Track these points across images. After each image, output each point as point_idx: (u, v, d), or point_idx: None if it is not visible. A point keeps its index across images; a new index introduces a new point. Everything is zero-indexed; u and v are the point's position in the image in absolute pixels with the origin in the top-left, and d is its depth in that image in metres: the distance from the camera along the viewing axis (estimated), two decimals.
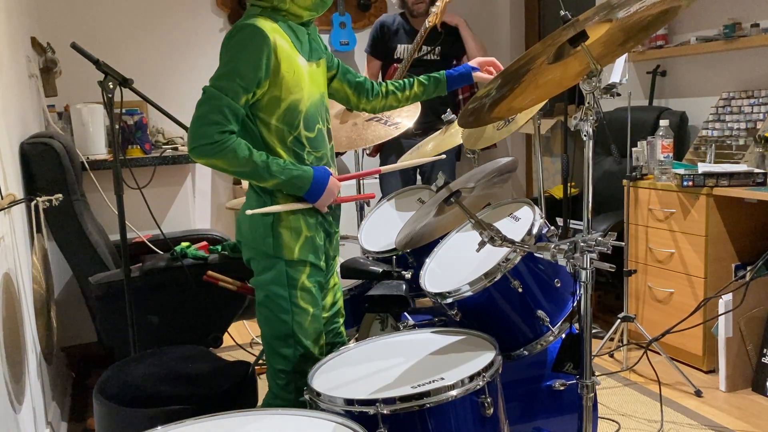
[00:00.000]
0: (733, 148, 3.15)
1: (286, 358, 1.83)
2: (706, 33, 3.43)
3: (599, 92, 1.49)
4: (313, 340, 1.86)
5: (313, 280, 1.85)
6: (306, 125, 1.79)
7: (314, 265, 1.84)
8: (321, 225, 1.86)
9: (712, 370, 3.01)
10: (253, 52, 1.66)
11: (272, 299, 1.81)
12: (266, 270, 1.81)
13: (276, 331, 1.83)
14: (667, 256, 3.11)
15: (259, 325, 1.88)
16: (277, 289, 1.80)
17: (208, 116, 1.65)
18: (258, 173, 1.70)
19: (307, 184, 1.76)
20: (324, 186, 1.78)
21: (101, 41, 4.02)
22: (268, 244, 1.79)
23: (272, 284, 1.81)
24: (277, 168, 1.71)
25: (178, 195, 3.60)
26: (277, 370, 1.85)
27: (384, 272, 2.24)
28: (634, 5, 1.34)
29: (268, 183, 1.73)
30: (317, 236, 1.85)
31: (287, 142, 1.77)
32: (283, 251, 1.79)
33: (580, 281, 1.53)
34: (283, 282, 1.80)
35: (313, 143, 1.82)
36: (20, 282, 2.19)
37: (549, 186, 4.43)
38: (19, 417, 1.93)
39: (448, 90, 2.11)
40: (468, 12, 4.08)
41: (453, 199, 1.69)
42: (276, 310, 1.82)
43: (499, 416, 1.57)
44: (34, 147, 2.62)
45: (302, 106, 1.77)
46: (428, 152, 2.79)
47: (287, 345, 1.83)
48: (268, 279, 1.81)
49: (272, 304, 1.82)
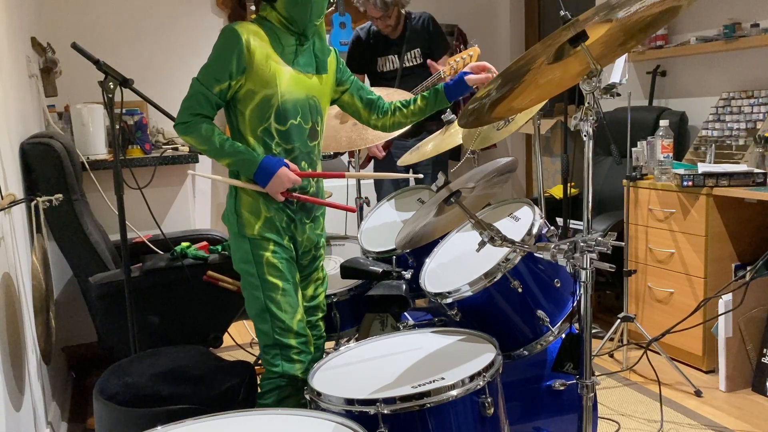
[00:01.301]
0: (733, 148, 3.15)
1: (266, 334, 1.97)
2: (706, 33, 3.43)
3: (599, 92, 1.49)
4: (288, 312, 1.97)
5: (278, 257, 1.99)
6: (277, 119, 1.96)
7: (276, 242, 1.99)
8: (282, 210, 2.00)
9: (712, 370, 3.01)
10: (225, 49, 1.89)
11: (245, 278, 1.99)
12: (236, 251, 2.01)
13: (254, 308, 1.99)
14: (667, 256, 3.11)
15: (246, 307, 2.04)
16: (246, 266, 1.98)
17: (186, 101, 1.93)
18: (216, 151, 1.92)
19: (254, 167, 1.93)
20: (271, 173, 1.93)
21: (101, 41, 4.02)
22: (233, 223, 2.00)
23: (242, 263, 1.99)
24: (230, 149, 1.92)
25: (178, 195, 3.60)
26: (263, 346, 2.00)
27: (384, 272, 2.24)
28: (634, 5, 1.34)
29: (224, 161, 1.94)
30: (277, 218, 1.99)
31: (257, 132, 1.96)
32: (246, 229, 1.98)
33: (580, 281, 1.53)
34: (250, 259, 1.98)
35: (283, 136, 1.98)
36: (20, 282, 2.19)
37: (549, 186, 4.43)
38: (19, 417, 1.93)
39: (450, 100, 2.19)
40: (468, 12, 4.08)
41: (453, 199, 1.69)
42: (250, 288, 1.99)
43: (499, 416, 1.57)
44: (34, 147, 2.62)
45: (275, 100, 1.94)
46: (428, 152, 2.79)
47: (264, 320, 1.97)
48: (237, 258, 2.00)
49: (246, 283, 1.99)
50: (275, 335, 1.96)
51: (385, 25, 3.51)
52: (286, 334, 1.96)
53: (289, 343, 1.96)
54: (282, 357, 1.96)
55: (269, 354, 1.98)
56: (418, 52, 3.60)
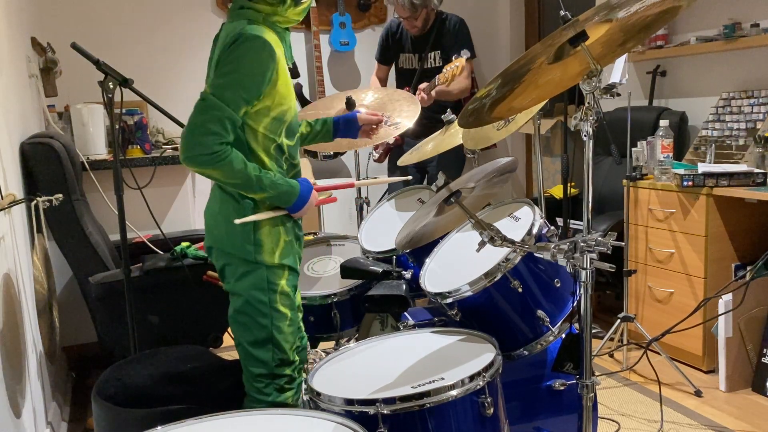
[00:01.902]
0: (733, 148, 3.15)
1: (265, 363, 1.85)
2: (706, 33, 3.43)
3: (599, 92, 1.49)
4: (290, 343, 1.88)
5: (290, 284, 1.87)
6: (287, 134, 1.84)
7: (292, 269, 1.87)
8: (293, 229, 1.89)
9: (712, 370, 3.01)
10: (259, 65, 1.67)
11: (252, 304, 1.82)
12: (245, 275, 1.82)
13: (255, 336, 1.84)
14: (667, 256, 3.11)
15: (234, 331, 1.88)
16: (258, 294, 1.81)
17: (207, 125, 1.65)
18: (249, 186, 1.73)
19: (293, 198, 1.81)
20: (307, 199, 1.84)
21: (101, 41, 4.02)
22: (248, 251, 1.80)
23: (253, 289, 1.81)
24: (268, 182, 1.75)
25: (178, 195, 3.60)
26: (256, 375, 1.86)
27: (384, 272, 2.24)
28: (634, 5, 1.34)
29: (257, 195, 1.77)
30: (294, 240, 1.88)
31: (270, 149, 1.80)
32: (264, 257, 1.81)
33: (580, 281, 1.53)
34: (264, 287, 1.81)
35: (291, 151, 1.87)
36: (20, 282, 2.19)
37: (549, 186, 4.43)
38: (20, 417, 1.93)
39: (334, 136, 2.13)
40: (468, 12, 4.08)
41: (453, 199, 1.69)
42: (255, 315, 1.82)
43: (499, 416, 1.57)
44: (34, 147, 2.62)
45: (287, 116, 1.81)
46: (428, 152, 2.79)
47: (266, 349, 1.84)
48: (247, 284, 1.82)
49: (251, 310, 1.82)
50: (274, 367, 1.85)
51: (411, 26, 3.53)
52: (283, 367, 1.87)
53: (284, 374, 1.86)
54: (274, 387, 1.87)
55: (261, 383, 1.86)
56: (438, 54, 3.61)
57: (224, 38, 1.73)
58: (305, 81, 4.58)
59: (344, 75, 4.68)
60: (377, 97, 2.86)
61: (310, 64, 4.56)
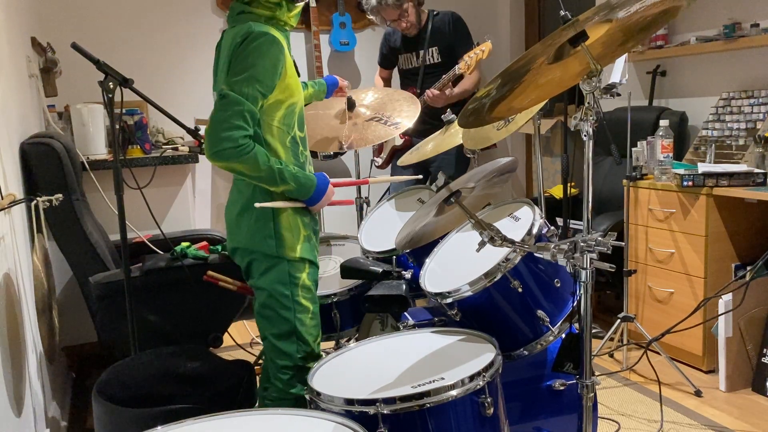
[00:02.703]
0: (733, 148, 3.15)
1: (290, 355, 1.92)
2: (706, 33, 3.43)
3: (599, 92, 1.49)
4: (313, 336, 1.94)
5: (311, 278, 1.94)
6: (299, 126, 1.92)
7: (312, 263, 1.94)
8: (311, 224, 1.96)
9: (712, 370, 3.01)
10: (270, 59, 1.75)
11: (276, 298, 1.89)
12: (268, 270, 1.88)
13: (279, 329, 1.91)
14: (667, 256, 3.11)
15: (260, 326, 1.95)
16: (281, 288, 1.89)
17: (231, 120, 1.71)
18: (272, 178, 1.80)
19: (312, 191, 1.88)
20: (324, 193, 1.91)
21: (101, 41, 4.02)
22: (270, 246, 1.87)
23: (276, 283, 1.89)
24: (289, 175, 1.82)
25: (178, 195, 3.60)
26: (281, 367, 1.93)
27: (384, 272, 2.24)
28: (634, 5, 1.34)
29: (278, 188, 1.84)
30: (312, 235, 1.95)
31: (286, 142, 1.88)
32: (286, 251, 1.88)
33: (580, 281, 1.53)
34: (286, 281, 1.89)
35: (303, 142, 1.95)
36: (20, 282, 2.19)
37: (549, 186, 4.43)
38: (19, 417, 1.93)
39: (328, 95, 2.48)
40: (468, 12, 4.08)
41: (453, 199, 1.69)
42: (279, 308, 1.90)
43: (499, 416, 1.57)
44: (34, 147, 2.62)
45: (297, 108, 1.90)
46: (428, 152, 2.79)
47: (290, 342, 1.91)
48: (271, 279, 1.89)
49: (275, 303, 1.89)
50: (299, 359, 1.92)
51: (406, 25, 3.53)
52: (308, 359, 1.93)
53: (308, 366, 1.92)
54: (298, 379, 1.93)
55: (286, 375, 1.92)
56: (436, 50, 3.61)
57: (230, 41, 1.80)
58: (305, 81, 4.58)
59: (344, 75, 4.68)
60: (377, 97, 2.86)
61: (310, 64, 4.56)
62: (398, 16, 3.47)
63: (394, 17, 3.48)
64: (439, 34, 3.60)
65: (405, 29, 3.57)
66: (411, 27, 3.55)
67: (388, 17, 3.49)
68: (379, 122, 2.80)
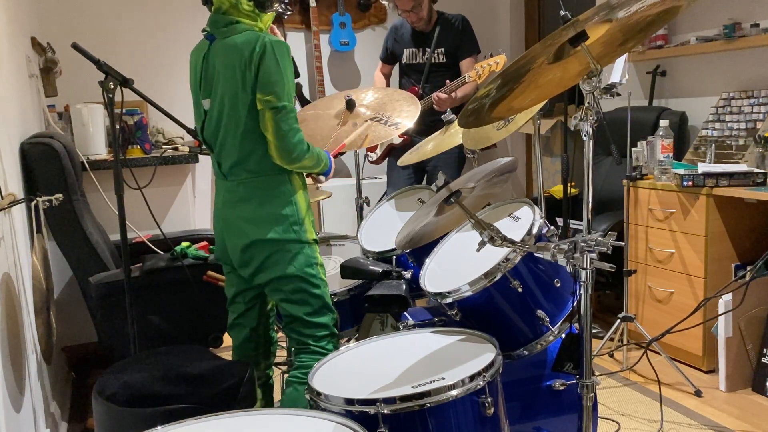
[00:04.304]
0: (733, 148, 3.15)
1: (326, 326, 2.10)
2: (706, 33, 3.43)
3: (599, 92, 1.49)
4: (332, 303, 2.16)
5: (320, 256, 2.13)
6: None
7: (317, 242, 2.13)
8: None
9: (712, 370, 3.01)
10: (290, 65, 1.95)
11: (307, 280, 2.05)
12: (296, 256, 2.04)
13: (312, 307, 2.08)
14: (667, 256, 3.11)
15: (290, 311, 2.08)
16: (309, 270, 2.06)
17: (295, 127, 1.95)
18: (319, 162, 2.05)
19: (328, 164, 2.13)
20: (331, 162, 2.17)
21: (101, 41, 4.02)
22: (296, 231, 2.03)
23: (305, 267, 2.05)
24: (322, 155, 2.08)
25: (178, 195, 3.60)
26: (320, 337, 2.10)
27: (384, 272, 2.24)
28: (634, 5, 1.34)
29: (318, 168, 2.07)
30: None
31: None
32: (307, 235, 2.06)
33: (580, 281, 1.53)
34: (311, 262, 2.06)
35: None
36: (20, 282, 2.19)
37: (549, 186, 4.43)
38: (19, 417, 1.93)
39: None
40: (468, 12, 4.08)
41: (453, 199, 1.69)
42: (311, 289, 2.06)
43: (499, 416, 1.57)
44: (34, 147, 2.62)
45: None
46: (428, 152, 2.79)
47: (323, 314, 2.10)
48: (300, 264, 2.04)
49: (307, 285, 2.06)
50: (332, 325, 2.12)
51: (417, 18, 3.54)
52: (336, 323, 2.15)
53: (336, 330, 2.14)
54: (332, 341, 2.12)
55: (322, 342, 2.10)
56: (441, 51, 3.63)
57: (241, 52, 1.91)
58: (305, 81, 4.58)
59: (344, 75, 4.68)
60: (377, 97, 2.86)
61: (310, 64, 4.56)
62: (412, 7, 3.49)
63: (408, 7, 3.50)
64: (447, 36, 3.62)
65: (415, 22, 3.58)
66: (421, 21, 3.57)
67: (402, 6, 3.51)
68: (379, 122, 2.80)
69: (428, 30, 3.64)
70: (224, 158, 2.04)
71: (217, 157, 2.08)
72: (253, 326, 2.24)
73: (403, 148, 3.70)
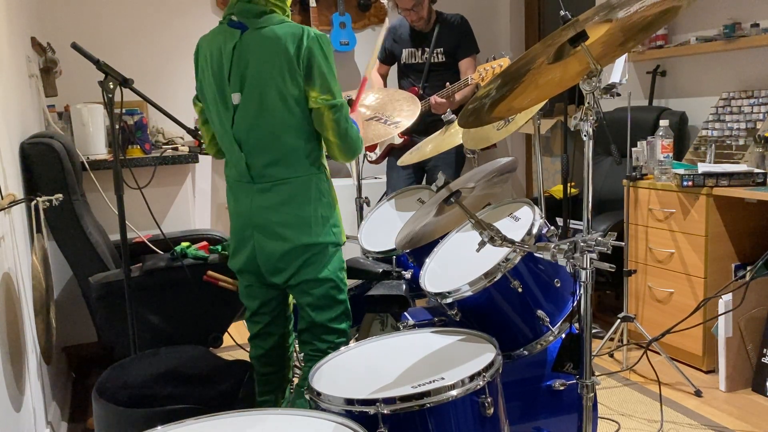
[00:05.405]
0: (733, 148, 3.15)
1: (344, 332, 2.06)
2: (706, 33, 3.43)
3: (599, 92, 1.49)
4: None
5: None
6: None
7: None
8: None
9: (712, 370, 3.01)
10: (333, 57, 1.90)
11: (337, 286, 2.01)
12: (332, 258, 2.00)
13: (335, 312, 2.03)
14: (667, 256, 3.11)
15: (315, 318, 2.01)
16: (340, 273, 2.03)
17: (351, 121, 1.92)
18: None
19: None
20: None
21: (101, 41, 4.02)
22: (334, 233, 1.99)
23: (338, 271, 2.02)
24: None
25: (178, 195, 3.60)
26: (337, 344, 2.05)
27: (384, 272, 2.24)
28: (634, 5, 1.34)
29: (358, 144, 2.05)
30: None
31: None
32: (341, 237, 2.03)
33: (580, 281, 1.53)
34: (341, 266, 2.04)
35: None
36: (20, 282, 2.19)
37: (549, 186, 4.43)
38: (19, 417, 1.93)
39: None
40: (468, 12, 4.08)
41: (453, 199, 1.69)
42: (336, 294, 2.02)
43: (499, 416, 1.57)
44: (34, 147, 2.62)
45: None
46: (428, 152, 2.79)
47: (342, 320, 2.05)
48: (334, 267, 2.00)
49: (335, 291, 2.01)
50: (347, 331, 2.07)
51: (417, 17, 3.55)
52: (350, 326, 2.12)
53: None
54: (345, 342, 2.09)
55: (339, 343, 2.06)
56: (441, 51, 3.63)
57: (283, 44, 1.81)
58: None
59: (344, 75, 4.68)
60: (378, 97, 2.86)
61: None
62: (412, 6, 3.49)
63: (408, 6, 3.50)
64: (446, 36, 3.62)
65: (415, 21, 3.58)
66: (421, 21, 3.57)
67: (402, 5, 3.51)
68: (379, 121, 2.80)
69: (427, 30, 3.64)
70: (257, 157, 1.90)
71: (247, 157, 1.91)
72: (282, 333, 2.16)
73: (403, 148, 3.70)
